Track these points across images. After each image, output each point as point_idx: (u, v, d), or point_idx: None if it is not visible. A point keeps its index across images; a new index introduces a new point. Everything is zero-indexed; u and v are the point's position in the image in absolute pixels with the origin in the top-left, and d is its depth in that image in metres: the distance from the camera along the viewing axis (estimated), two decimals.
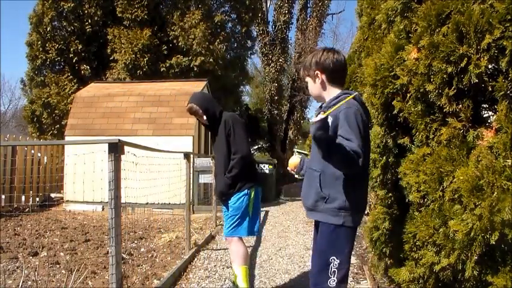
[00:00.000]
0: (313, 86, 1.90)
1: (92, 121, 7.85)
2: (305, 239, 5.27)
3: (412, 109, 1.93)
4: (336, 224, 1.75)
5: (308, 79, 1.92)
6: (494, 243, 1.51)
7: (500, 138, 1.54)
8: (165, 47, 9.96)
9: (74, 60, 10.09)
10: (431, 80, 1.77)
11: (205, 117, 2.99)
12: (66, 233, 5.35)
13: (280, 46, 16.41)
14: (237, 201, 2.89)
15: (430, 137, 1.88)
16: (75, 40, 10.01)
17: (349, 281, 3.47)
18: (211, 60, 9.80)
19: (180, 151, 4.20)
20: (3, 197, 7.22)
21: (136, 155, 3.44)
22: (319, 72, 1.84)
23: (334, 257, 1.74)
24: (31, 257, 4.05)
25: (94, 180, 4.70)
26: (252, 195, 2.93)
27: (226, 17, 11.28)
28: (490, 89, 1.63)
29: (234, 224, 2.90)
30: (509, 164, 1.49)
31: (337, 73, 1.85)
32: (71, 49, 10.01)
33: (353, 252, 4.36)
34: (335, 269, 1.74)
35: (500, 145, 1.53)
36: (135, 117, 7.74)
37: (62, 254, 4.24)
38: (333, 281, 1.73)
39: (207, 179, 7.13)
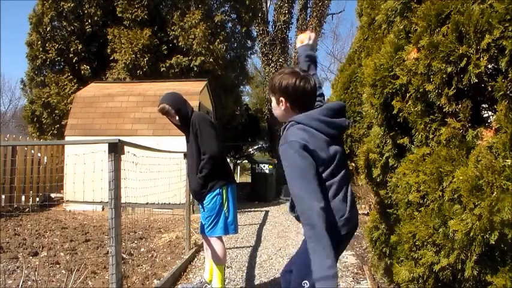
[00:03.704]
0: (276, 108, 1.87)
1: (92, 121, 7.84)
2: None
3: (412, 109, 1.93)
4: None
5: (273, 99, 1.88)
6: (493, 243, 1.51)
7: (500, 138, 1.54)
8: (165, 47, 9.95)
9: (74, 60, 10.07)
10: (431, 80, 1.77)
11: (177, 118, 3.01)
12: (66, 233, 5.35)
13: (280, 46, 16.42)
14: (210, 201, 2.92)
15: (430, 137, 1.88)
16: (75, 40, 10.00)
17: (349, 281, 3.47)
18: (211, 60, 9.79)
19: (180, 151, 4.19)
20: (3, 197, 7.21)
21: (136, 155, 3.45)
22: (283, 100, 1.80)
23: (307, 281, 1.67)
24: (31, 257, 4.05)
25: (94, 180, 4.70)
26: (225, 194, 2.95)
27: (226, 17, 11.26)
28: (490, 89, 1.63)
29: (211, 225, 2.95)
30: (509, 163, 1.49)
31: (300, 100, 1.79)
32: (71, 49, 9.99)
33: (353, 252, 4.38)
34: None
35: (499, 145, 1.53)
36: (135, 117, 7.74)
37: (62, 254, 4.24)
38: None
39: None
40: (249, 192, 10.89)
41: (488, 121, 1.78)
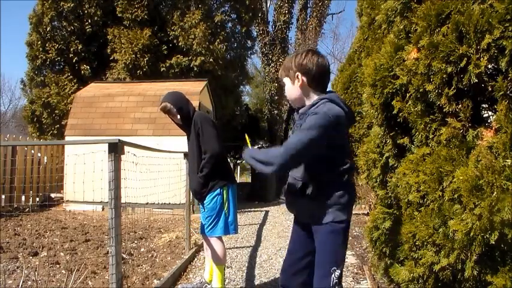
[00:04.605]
0: (292, 88, 1.81)
1: (92, 121, 7.84)
2: None
3: (412, 109, 1.93)
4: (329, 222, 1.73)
5: (286, 80, 1.82)
6: (493, 243, 1.51)
7: (500, 138, 1.54)
8: (165, 47, 9.95)
9: (74, 60, 10.07)
10: (431, 80, 1.77)
11: (178, 116, 3.01)
12: (66, 233, 5.35)
13: (280, 46, 16.43)
14: (211, 201, 2.92)
15: (430, 137, 1.88)
16: (75, 40, 10.00)
17: (349, 281, 3.47)
18: (211, 60, 9.79)
19: (180, 151, 4.19)
20: (3, 197, 7.21)
21: (136, 155, 3.44)
22: (299, 74, 1.75)
23: (335, 267, 1.72)
24: (31, 257, 4.05)
25: (94, 180, 4.70)
26: (225, 194, 2.95)
27: (226, 17, 11.26)
28: (490, 89, 1.63)
29: (211, 225, 2.95)
30: (509, 163, 1.49)
31: (320, 77, 1.76)
32: (71, 49, 9.99)
33: (353, 252, 4.39)
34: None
35: (499, 145, 1.53)
36: (135, 117, 7.74)
37: (62, 254, 4.24)
38: None
39: None
40: (249, 192, 10.89)
41: (489, 121, 1.78)
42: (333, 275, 1.70)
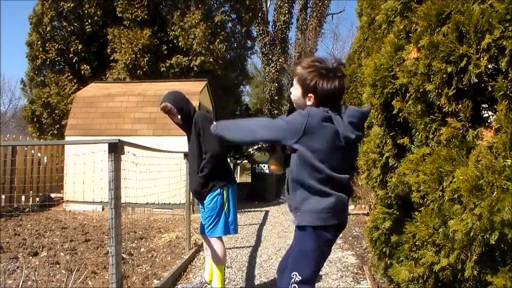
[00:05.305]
0: (300, 99, 1.75)
1: (92, 121, 7.84)
2: None
3: (412, 109, 1.93)
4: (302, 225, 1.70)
5: (297, 86, 1.75)
6: (494, 243, 1.51)
7: (500, 138, 1.54)
8: (165, 47, 9.96)
9: (74, 60, 10.07)
10: (431, 80, 1.77)
11: (179, 117, 3.01)
12: (66, 233, 5.35)
13: (280, 46, 16.45)
14: (211, 201, 2.92)
15: (430, 137, 1.88)
16: (75, 40, 10.00)
17: (349, 281, 3.47)
18: (211, 60, 9.80)
19: (180, 151, 4.19)
20: (3, 197, 7.21)
21: (136, 155, 3.44)
22: (313, 96, 1.69)
23: (296, 272, 1.69)
24: (31, 257, 4.05)
25: (94, 180, 4.70)
26: (226, 194, 2.95)
27: (226, 17, 11.26)
28: (490, 89, 1.63)
29: (211, 225, 2.95)
30: (509, 163, 1.49)
31: (328, 100, 1.67)
32: (71, 49, 9.99)
33: (353, 252, 4.38)
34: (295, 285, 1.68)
35: (499, 145, 1.53)
36: (135, 117, 7.74)
37: (62, 254, 4.24)
38: None
39: None
40: (249, 192, 10.89)
41: (489, 121, 1.78)
42: (292, 280, 1.68)
